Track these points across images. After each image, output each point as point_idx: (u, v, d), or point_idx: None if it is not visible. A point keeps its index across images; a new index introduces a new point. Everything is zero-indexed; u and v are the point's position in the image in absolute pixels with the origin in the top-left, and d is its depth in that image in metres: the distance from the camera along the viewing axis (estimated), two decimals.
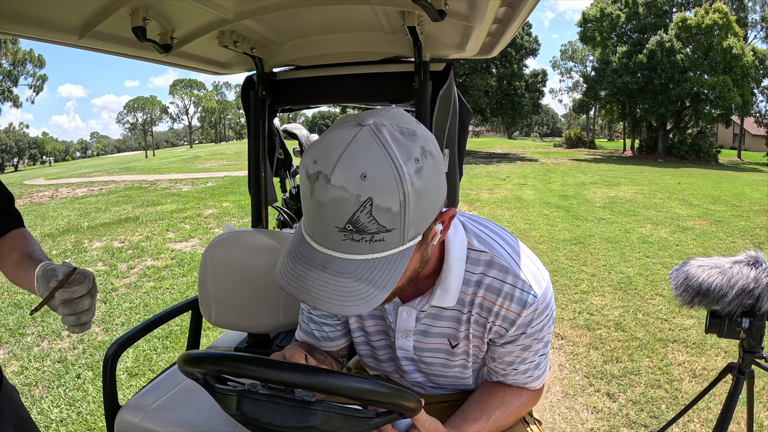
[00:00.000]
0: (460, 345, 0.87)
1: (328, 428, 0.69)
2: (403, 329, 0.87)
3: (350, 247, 0.57)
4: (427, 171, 0.58)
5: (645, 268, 4.57)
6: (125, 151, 78.05)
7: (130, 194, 10.54)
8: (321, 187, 0.55)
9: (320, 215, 0.56)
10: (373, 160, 0.54)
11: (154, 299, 3.87)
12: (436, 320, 0.86)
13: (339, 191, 0.54)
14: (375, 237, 0.56)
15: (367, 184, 0.53)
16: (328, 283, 0.58)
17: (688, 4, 25.58)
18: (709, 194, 9.39)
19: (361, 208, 0.54)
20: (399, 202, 0.55)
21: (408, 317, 0.85)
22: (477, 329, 0.84)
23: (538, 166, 16.94)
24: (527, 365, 0.87)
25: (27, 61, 39.24)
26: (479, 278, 0.80)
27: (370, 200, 0.54)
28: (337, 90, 1.77)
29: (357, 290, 0.58)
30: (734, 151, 30.06)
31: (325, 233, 0.57)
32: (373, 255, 0.58)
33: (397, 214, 0.56)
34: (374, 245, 0.57)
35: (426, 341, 0.88)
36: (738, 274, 1.24)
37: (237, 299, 1.55)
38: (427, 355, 0.90)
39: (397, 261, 0.59)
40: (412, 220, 0.57)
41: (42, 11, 1.01)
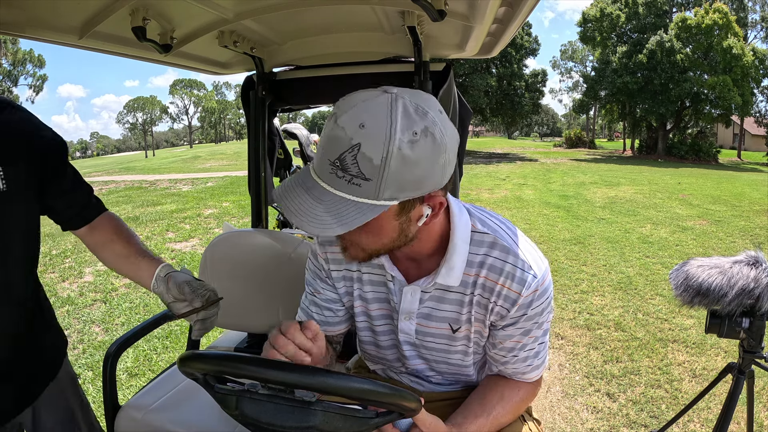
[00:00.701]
0: (462, 329, 0.88)
1: (328, 428, 0.69)
2: (407, 311, 0.89)
3: (332, 181, 0.65)
4: (421, 147, 0.64)
5: (645, 268, 4.57)
6: (125, 151, 78.06)
7: (130, 194, 10.54)
8: (331, 124, 0.65)
9: (323, 147, 0.66)
10: (375, 117, 0.63)
11: (154, 299, 3.86)
12: (440, 303, 0.87)
13: (339, 130, 0.63)
14: (353, 180, 0.63)
15: (361, 132, 0.62)
16: (304, 202, 0.67)
17: (688, 4, 25.58)
18: (709, 194, 9.40)
19: (350, 150, 0.62)
20: (381, 158, 0.62)
21: (412, 298, 0.88)
22: (479, 311, 0.86)
23: (538, 166, 16.94)
24: (527, 353, 0.88)
25: (27, 61, 39.22)
26: (482, 259, 0.83)
27: (358, 145, 0.62)
28: (337, 90, 1.77)
29: (322, 218, 0.65)
30: (734, 151, 30.06)
31: (321, 164, 0.66)
32: (347, 195, 0.65)
33: (376, 168, 0.62)
34: (351, 187, 0.64)
35: (428, 325, 0.89)
36: (738, 274, 1.24)
37: (237, 299, 1.54)
38: (428, 339, 0.91)
39: (366, 211, 0.65)
40: (389, 181, 0.64)
41: (42, 11, 1.01)
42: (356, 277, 0.94)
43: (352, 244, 0.78)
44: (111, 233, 1.10)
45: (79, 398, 1.26)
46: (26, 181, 0.97)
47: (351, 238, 0.75)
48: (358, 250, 0.78)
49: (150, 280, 1.00)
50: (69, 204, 1.06)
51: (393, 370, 1.07)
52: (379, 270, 0.90)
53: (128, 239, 1.09)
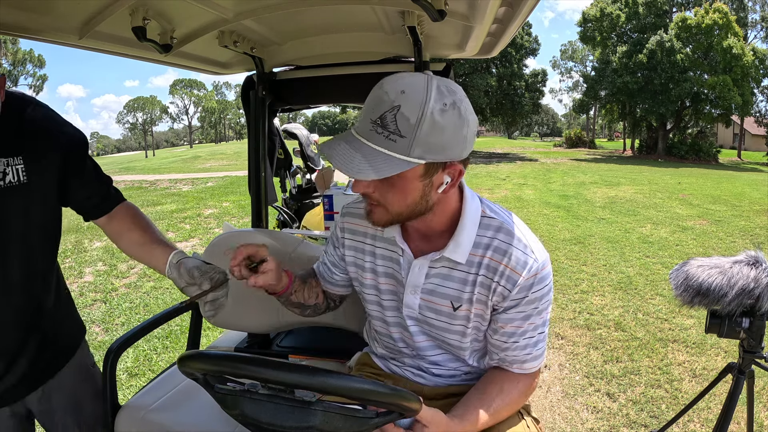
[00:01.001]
0: (462, 308, 0.92)
1: (327, 428, 0.69)
2: (413, 284, 0.95)
3: (371, 137, 0.76)
4: (449, 117, 0.76)
5: (645, 267, 4.57)
6: (125, 151, 78.03)
7: (130, 194, 10.54)
8: (377, 88, 0.78)
9: (367, 107, 0.78)
10: (414, 87, 0.75)
11: (154, 299, 3.87)
12: (444, 280, 0.93)
13: (383, 94, 0.76)
14: (390, 136, 0.75)
15: (401, 97, 0.74)
16: (345, 151, 0.77)
17: (688, 4, 25.57)
18: (709, 194, 9.39)
19: (390, 110, 0.74)
20: (416, 119, 0.74)
21: (419, 272, 0.94)
22: (482, 292, 0.90)
23: (538, 165, 16.94)
24: (526, 340, 0.92)
25: (27, 61, 39.23)
26: (488, 241, 0.90)
27: (399, 107, 0.74)
28: (337, 90, 1.77)
29: (360, 165, 0.76)
30: (734, 150, 30.05)
31: (362, 123, 0.78)
32: (382, 149, 0.75)
33: (411, 126, 0.74)
34: (387, 142, 0.75)
35: (431, 300, 0.94)
36: (738, 274, 1.23)
37: (237, 299, 1.54)
38: (430, 315, 0.96)
39: (397, 165, 0.75)
40: (420, 140, 0.75)
41: (42, 11, 1.01)
42: (369, 250, 1.02)
43: (378, 204, 0.85)
44: (129, 223, 1.15)
45: (92, 389, 1.29)
46: (49, 175, 1.03)
47: (379, 196, 0.83)
48: (382, 212, 0.85)
49: (164, 266, 1.05)
50: (89, 196, 1.12)
51: (396, 358, 1.09)
52: (392, 246, 0.98)
53: (145, 228, 1.14)
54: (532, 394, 1.00)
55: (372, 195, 0.84)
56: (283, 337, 1.81)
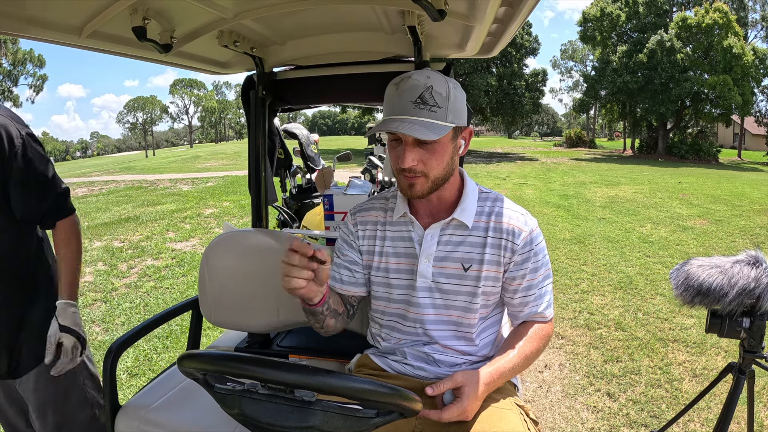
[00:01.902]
0: (473, 268, 1.05)
1: (327, 428, 0.69)
2: (426, 253, 1.06)
3: (417, 113, 0.94)
4: (459, 90, 1.00)
5: (645, 267, 4.57)
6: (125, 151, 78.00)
7: (130, 194, 10.54)
8: (404, 82, 0.96)
9: (401, 97, 0.95)
10: (433, 73, 0.98)
11: (154, 299, 3.87)
12: (456, 246, 1.06)
13: (415, 81, 0.95)
14: (432, 108, 0.94)
15: (430, 80, 0.96)
16: (402, 124, 0.94)
17: (688, 4, 25.54)
18: (709, 194, 9.39)
19: (426, 90, 0.94)
20: (446, 92, 0.96)
21: (431, 241, 1.06)
22: (493, 252, 1.05)
23: (539, 165, 16.93)
24: (541, 290, 1.09)
25: (27, 60, 39.18)
26: (489, 209, 1.08)
27: (432, 86, 0.95)
28: (337, 90, 1.77)
29: (423, 131, 0.93)
30: (734, 150, 30.03)
31: (403, 107, 0.95)
32: (429, 119, 0.94)
33: (445, 98, 0.95)
34: (431, 113, 0.94)
35: (443, 266, 1.06)
36: (738, 273, 1.23)
37: (237, 299, 1.55)
38: (442, 280, 1.06)
39: (442, 129, 0.95)
40: (450, 108, 0.96)
41: (42, 11, 1.01)
42: (380, 235, 1.13)
43: (420, 175, 0.99)
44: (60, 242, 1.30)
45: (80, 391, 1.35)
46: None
47: (423, 166, 0.98)
48: (423, 181, 1.00)
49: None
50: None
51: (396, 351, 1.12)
52: (402, 226, 1.11)
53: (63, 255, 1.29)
54: (550, 338, 1.15)
55: (416, 167, 0.98)
56: (283, 337, 1.81)
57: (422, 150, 0.97)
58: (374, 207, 1.16)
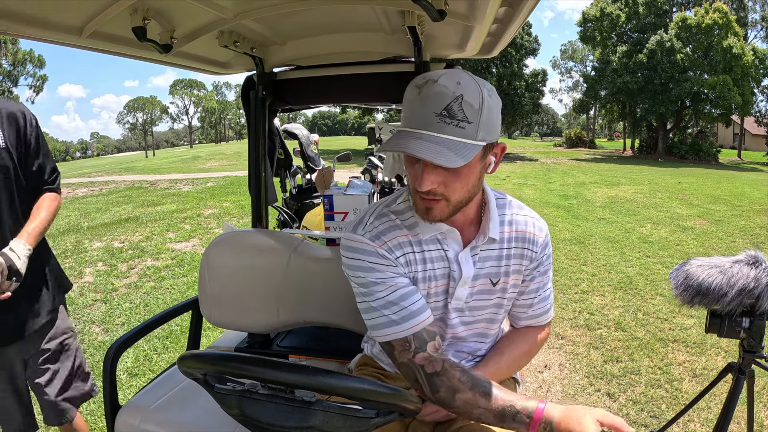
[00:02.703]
0: (500, 282, 1.00)
1: (327, 428, 0.69)
2: (467, 276, 0.97)
3: (441, 129, 0.78)
4: (494, 99, 0.83)
5: (645, 267, 4.57)
6: (125, 152, 77.98)
7: (130, 194, 10.53)
8: (429, 86, 0.79)
9: (424, 105, 0.79)
10: (464, 77, 0.80)
11: (154, 299, 3.87)
12: (484, 263, 0.99)
13: (442, 88, 0.78)
14: (460, 124, 0.78)
15: (461, 87, 0.78)
16: (424, 145, 0.78)
17: (688, 4, 25.55)
18: (709, 194, 9.39)
19: (455, 101, 0.77)
20: (479, 103, 0.79)
21: (467, 263, 0.97)
22: (516, 262, 1.00)
23: (538, 165, 16.93)
24: (544, 293, 1.07)
25: (27, 61, 39.19)
26: (509, 218, 1.01)
27: (461, 96, 0.78)
28: (337, 90, 1.77)
29: (445, 153, 0.77)
30: (734, 150, 30.04)
31: (425, 119, 0.79)
32: (455, 137, 0.78)
33: (476, 111, 0.79)
34: (458, 130, 0.78)
35: (475, 284, 0.99)
36: (738, 273, 1.23)
37: (237, 299, 1.54)
38: (473, 299, 1.00)
39: (471, 150, 0.79)
40: (483, 124, 0.80)
41: (42, 11, 1.01)
42: (419, 259, 0.95)
43: (440, 199, 0.86)
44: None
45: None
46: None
47: (444, 189, 0.84)
48: (443, 205, 0.87)
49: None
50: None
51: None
52: (436, 245, 0.96)
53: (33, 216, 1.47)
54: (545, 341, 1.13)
55: (437, 189, 0.84)
56: (283, 337, 1.81)
57: (445, 172, 0.82)
58: (393, 226, 0.95)
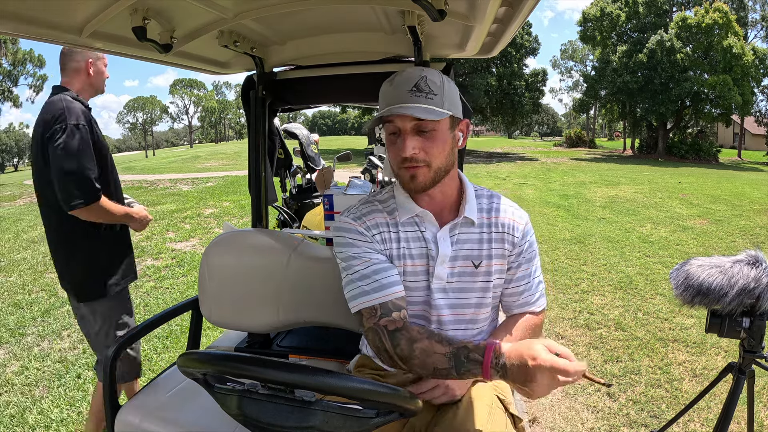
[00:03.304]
0: (483, 264, 1.06)
1: (328, 428, 0.69)
2: (444, 255, 1.04)
3: (415, 100, 0.96)
4: (452, 85, 1.03)
5: (645, 267, 4.57)
6: (125, 151, 77.96)
7: (130, 194, 10.52)
8: (398, 75, 0.99)
9: (397, 88, 0.97)
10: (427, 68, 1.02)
11: (154, 299, 3.86)
12: (464, 244, 1.06)
13: (408, 73, 0.99)
14: (428, 95, 0.96)
15: (423, 71, 0.99)
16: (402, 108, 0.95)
17: (688, 4, 25.53)
18: (709, 193, 9.39)
19: (421, 79, 0.97)
20: (440, 80, 0.99)
21: (445, 242, 1.05)
22: (498, 246, 1.07)
23: (538, 165, 16.93)
24: (535, 280, 1.12)
25: (27, 60, 39.18)
26: (487, 206, 1.10)
27: (425, 75, 0.98)
28: (337, 90, 1.77)
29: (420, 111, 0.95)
30: (734, 150, 30.03)
31: (400, 96, 0.96)
32: (426, 105, 0.96)
33: (439, 86, 0.98)
34: (428, 100, 0.96)
35: (455, 266, 1.06)
36: (738, 273, 1.23)
37: (237, 299, 1.54)
38: (455, 279, 1.06)
39: (440, 114, 0.96)
40: (446, 96, 0.99)
41: (42, 11, 1.01)
42: (394, 238, 1.06)
43: (421, 165, 0.99)
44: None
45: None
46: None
47: (424, 154, 0.98)
48: (425, 171, 0.99)
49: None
50: None
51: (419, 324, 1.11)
52: (414, 227, 1.07)
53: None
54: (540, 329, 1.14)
55: (418, 155, 0.98)
56: (283, 337, 1.81)
57: (422, 138, 0.97)
58: (374, 210, 1.07)
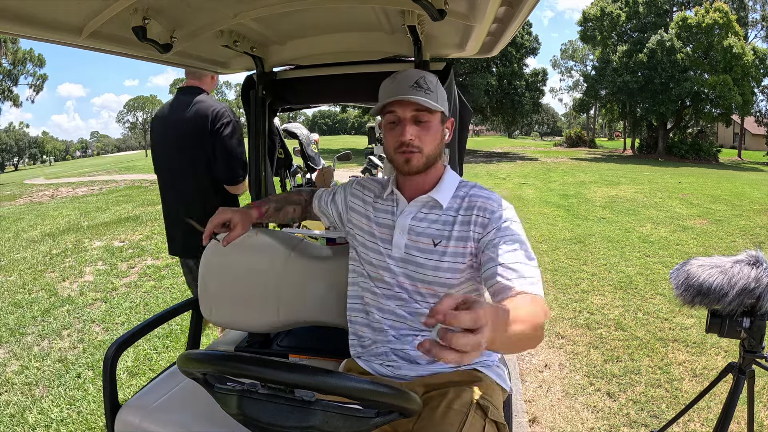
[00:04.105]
0: (441, 244, 1.12)
1: (327, 428, 0.69)
2: (401, 225, 1.17)
3: (416, 93, 1.07)
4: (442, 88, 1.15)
5: (645, 267, 4.57)
6: (125, 151, 77.95)
7: (131, 193, 10.53)
8: (400, 73, 1.11)
9: (400, 82, 1.09)
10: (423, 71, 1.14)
11: (154, 298, 3.87)
12: (430, 223, 1.15)
13: (410, 72, 1.11)
14: (427, 91, 1.08)
15: (421, 72, 1.11)
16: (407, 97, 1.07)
17: (688, 3, 25.53)
18: (709, 193, 9.39)
19: (420, 77, 1.09)
20: (435, 81, 1.12)
21: (407, 215, 1.17)
22: (462, 229, 1.11)
23: (539, 165, 16.93)
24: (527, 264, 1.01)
25: (27, 60, 39.17)
26: (465, 193, 1.17)
27: (424, 75, 1.10)
28: (337, 89, 1.77)
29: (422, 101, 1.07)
30: (734, 150, 30.02)
31: (403, 89, 1.08)
32: (425, 99, 1.07)
33: (436, 85, 1.11)
34: (427, 95, 1.08)
35: (417, 240, 1.15)
36: (739, 273, 1.23)
37: (237, 299, 1.54)
38: (416, 253, 1.14)
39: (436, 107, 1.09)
40: (440, 95, 1.12)
41: (42, 11, 1.01)
42: (370, 202, 1.27)
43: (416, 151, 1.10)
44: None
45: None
46: None
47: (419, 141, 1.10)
48: (419, 156, 1.11)
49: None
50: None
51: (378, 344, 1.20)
52: (389, 201, 1.23)
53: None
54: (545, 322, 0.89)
55: (414, 141, 1.09)
56: (283, 336, 1.81)
57: (418, 127, 1.10)
58: (374, 182, 1.33)
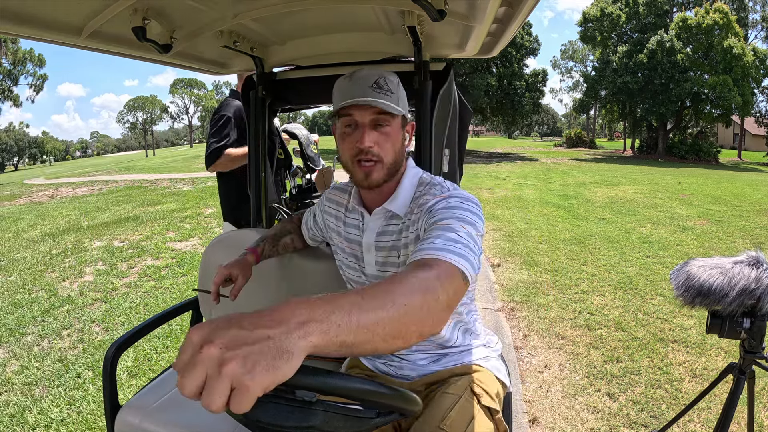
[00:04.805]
0: (401, 254, 1.07)
1: (328, 428, 0.69)
2: (367, 243, 1.12)
3: (376, 96, 1.00)
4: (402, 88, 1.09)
5: (645, 267, 4.57)
6: (125, 151, 78.03)
7: (130, 193, 10.54)
8: (357, 73, 1.02)
9: (358, 83, 1.01)
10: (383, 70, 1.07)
11: (154, 299, 3.87)
12: (391, 236, 1.08)
13: (368, 71, 1.03)
14: (387, 92, 1.01)
15: (381, 72, 1.03)
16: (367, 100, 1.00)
17: (688, 4, 25.55)
18: (709, 194, 9.39)
19: (380, 77, 1.01)
20: (396, 82, 1.05)
21: (371, 232, 1.11)
22: (412, 230, 1.05)
23: (539, 165, 16.93)
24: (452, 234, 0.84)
25: (27, 60, 39.20)
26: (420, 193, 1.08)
27: (384, 75, 1.02)
28: None
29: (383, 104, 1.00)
30: (734, 151, 30.05)
31: (362, 91, 1.00)
32: (386, 101, 1.01)
33: (396, 86, 1.04)
34: (387, 97, 1.01)
35: (385, 256, 1.10)
36: (739, 274, 1.23)
37: (237, 299, 1.54)
38: (391, 269, 1.09)
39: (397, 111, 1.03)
40: (400, 97, 1.05)
41: (42, 11, 1.01)
42: (341, 218, 1.21)
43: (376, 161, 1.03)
44: None
45: None
46: None
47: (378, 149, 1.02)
48: (379, 167, 1.03)
49: None
50: None
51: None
52: (356, 215, 1.17)
53: None
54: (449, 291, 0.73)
55: (373, 149, 1.02)
56: None
57: (377, 133, 1.02)
58: (339, 191, 1.25)
